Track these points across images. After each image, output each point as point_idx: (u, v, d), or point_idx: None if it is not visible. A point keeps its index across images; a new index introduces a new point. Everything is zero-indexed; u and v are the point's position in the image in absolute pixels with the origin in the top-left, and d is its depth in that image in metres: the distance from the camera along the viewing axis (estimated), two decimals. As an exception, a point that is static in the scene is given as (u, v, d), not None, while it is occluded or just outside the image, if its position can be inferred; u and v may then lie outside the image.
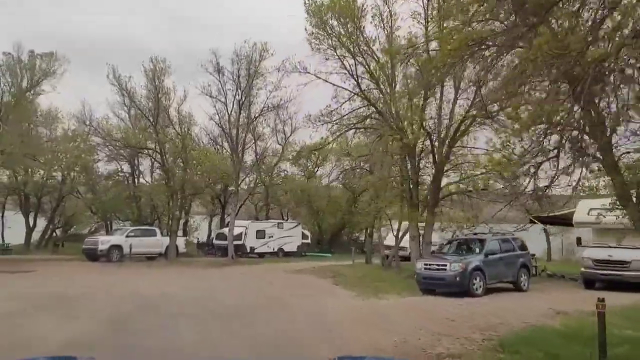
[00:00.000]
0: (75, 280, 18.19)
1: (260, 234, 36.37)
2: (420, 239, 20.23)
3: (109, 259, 27.65)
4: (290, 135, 40.57)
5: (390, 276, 20.76)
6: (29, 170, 36.80)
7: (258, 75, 26.45)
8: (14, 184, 38.87)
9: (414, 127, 18.30)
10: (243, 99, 27.12)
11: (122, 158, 37.02)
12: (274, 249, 37.09)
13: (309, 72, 18.09)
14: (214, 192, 39.22)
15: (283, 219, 42.88)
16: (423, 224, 21.42)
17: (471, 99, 17.43)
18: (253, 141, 30.08)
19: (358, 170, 39.10)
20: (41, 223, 41.20)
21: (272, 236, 37.01)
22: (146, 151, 27.91)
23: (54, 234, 44.17)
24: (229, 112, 27.35)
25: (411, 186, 19.71)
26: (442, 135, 18.22)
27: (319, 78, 18.08)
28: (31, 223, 39.97)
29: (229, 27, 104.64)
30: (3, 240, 39.22)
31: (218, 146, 36.72)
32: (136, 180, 37.37)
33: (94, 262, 27.21)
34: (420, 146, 19.43)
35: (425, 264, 15.29)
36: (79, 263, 26.06)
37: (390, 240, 32.05)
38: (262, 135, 29.89)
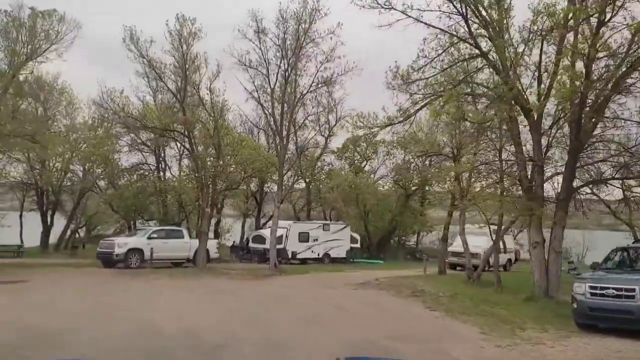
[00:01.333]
0: (67, 300, 13.31)
1: (304, 237, 31.20)
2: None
3: (127, 265, 22.93)
4: (336, 124, 35.34)
5: (494, 296, 15.23)
6: (45, 162, 32.80)
7: (308, 40, 21.27)
8: (30, 179, 35.20)
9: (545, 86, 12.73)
10: (289, 70, 21.96)
11: (146, 148, 32.48)
12: (318, 255, 31.88)
13: (394, 9, 12.77)
14: (248, 188, 34.23)
15: (326, 220, 37.69)
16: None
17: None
18: (293, 130, 24.81)
19: (420, 160, 33.63)
20: (62, 223, 37.22)
21: (316, 239, 31.80)
22: (172, 134, 22.94)
23: (76, 235, 40.19)
24: (272, 87, 22.22)
25: (529, 172, 14.14)
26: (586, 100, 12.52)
27: (409, 16, 12.74)
28: (49, 223, 36.18)
29: None
30: (22, 241, 35.15)
31: (253, 136, 31.70)
32: (162, 174, 32.79)
33: (109, 268, 22.54)
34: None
35: (594, 287, 9.70)
36: (90, 270, 21.34)
37: (457, 247, 26.58)
38: (302, 124, 24.47)
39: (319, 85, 23.32)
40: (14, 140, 19.82)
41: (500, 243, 20.60)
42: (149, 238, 24.03)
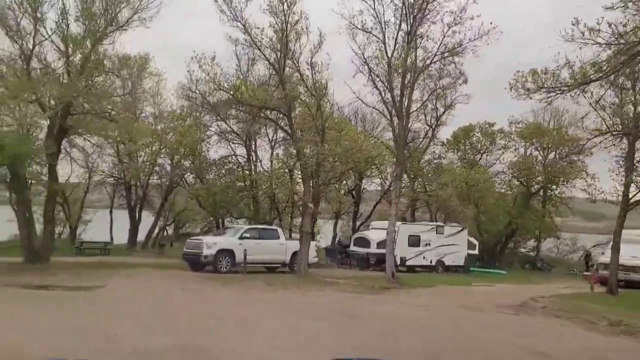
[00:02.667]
0: (138, 320, 9.79)
1: (414, 241, 26.60)
2: None
3: (216, 268, 19.67)
4: (445, 111, 30.44)
5: None
6: (132, 154, 30.88)
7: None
8: (119, 173, 33.66)
9: None
10: (412, 33, 17.62)
11: (236, 138, 29.47)
12: (431, 262, 27.17)
13: None
14: (346, 183, 30.18)
15: (433, 222, 32.76)
16: None
17: None
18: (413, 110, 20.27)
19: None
20: (150, 220, 35.46)
21: (428, 244, 27.10)
22: (269, 114, 19.28)
23: (164, 233, 38.42)
24: (390, 55, 17.95)
25: None
26: None
27: None
28: (137, 219, 34.48)
29: None
30: (111, 238, 33.71)
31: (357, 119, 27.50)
32: (252, 167, 29.63)
33: (197, 272, 19.41)
34: None
35: None
36: (175, 275, 18.20)
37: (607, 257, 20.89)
38: (425, 102, 19.92)
39: (444, 55, 18.78)
40: (91, 121, 17.12)
41: None
42: (241, 238, 20.65)
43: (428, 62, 18.50)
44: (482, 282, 22.25)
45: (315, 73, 19.44)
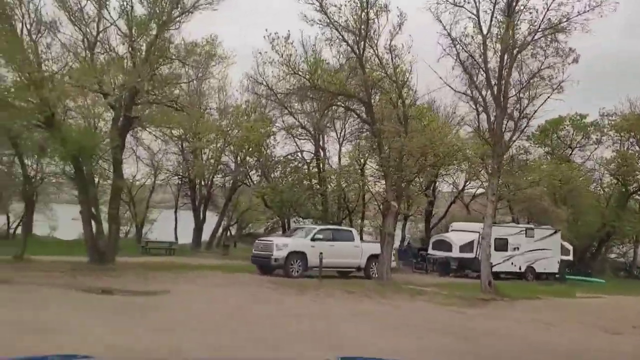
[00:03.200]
0: (218, 328, 8.15)
1: (501, 245, 23.86)
2: None
3: (287, 272, 18.03)
4: (548, 98, 27.34)
5: None
6: (196, 152, 30.01)
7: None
8: (184, 172, 33.02)
9: None
10: (512, 6, 15.23)
11: (303, 134, 27.85)
12: (520, 268, 24.37)
13: None
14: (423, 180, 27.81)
15: (514, 222, 29.75)
16: None
17: None
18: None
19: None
20: (214, 220, 34.64)
21: (517, 248, 24.33)
22: (346, 102, 17.40)
23: (227, 233, 37.55)
24: (485, 32, 15.62)
25: None
26: None
27: None
28: (201, 219, 33.70)
29: None
30: (176, 238, 33.11)
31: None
32: (321, 165, 27.88)
33: (266, 275, 17.85)
34: None
35: None
36: (244, 279, 16.66)
37: None
38: (527, 83, 17.18)
39: (547, 32, 16.21)
40: (157, 111, 15.92)
41: None
42: (313, 239, 18.93)
43: (529, 38, 15.99)
44: (586, 293, 19.38)
45: (395, 57, 17.44)
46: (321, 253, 16.53)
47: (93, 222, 17.01)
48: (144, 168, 33.40)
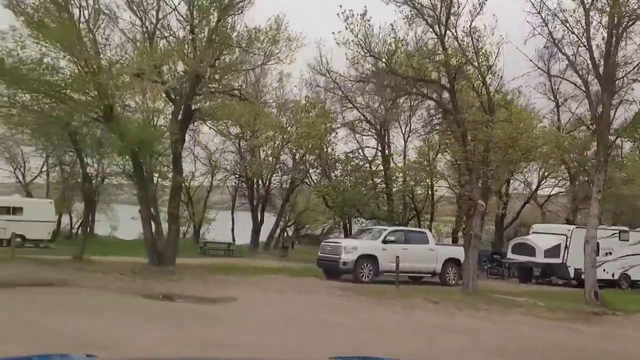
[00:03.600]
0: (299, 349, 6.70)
1: (592, 249, 21.29)
2: None
3: (356, 277, 16.52)
4: None
5: None
6: (254, 148, 29.06)
7: None
8: (239, 170, 32.24)
9: None
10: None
11: (367, 130, 26.25)
12: (613, 275, 21.70)
13: None
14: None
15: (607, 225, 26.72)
16: None
17: None
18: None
19: None
20: (271, 220, 33.67)
21: (609, 253, 21.62)
22: (426, 88, 15.61)
23: (284, 234, 36.51)
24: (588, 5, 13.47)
25: None
26: None
27: None
28: (259, 219, 32.79)
29: None
30: (233, 239, 32.35)
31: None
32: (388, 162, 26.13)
33: (334, 280, 16.40)
34: None
35: None
36: (310, 283, 15.28)
37: None
38: None
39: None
40: (218, 103, 14.80)
41: None
42: (385, 242, 17.32)
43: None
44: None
45: (476, 39, 15.52)
46: (398, 257, 14.85)
47: (152, 222, 16.14)
48: (201, 167, 32.95)
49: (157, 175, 18.26)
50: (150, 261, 15.87)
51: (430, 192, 25.74)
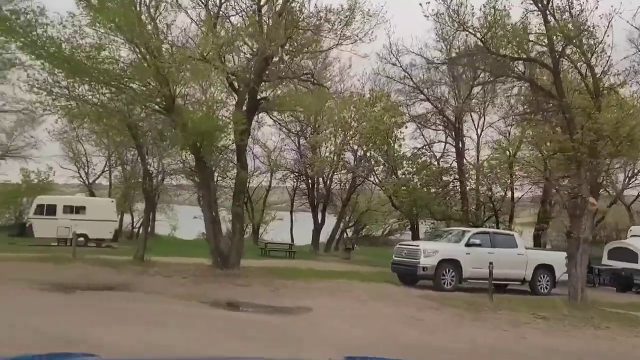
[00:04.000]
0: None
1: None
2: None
3: (437, 284, 14.74)
4: None
5: None
6: (316, 144, 27.72)
7: None
8: (301, 169, 31.08)
9: None
10: None
11: (438, 124, 24.29)
12: None
13: None
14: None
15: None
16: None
17: None
18: None
19: None
20: (332, 221, 32.34)
21: None
22: (523, 68, 13.63)
23: (345, 235, 35.03)
24: None
25: None
26: None
27: None
28: (320, 219, 31.51)
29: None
30: (292, 240, 31.23)
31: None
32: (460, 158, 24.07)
33: (411, 287, 14.72)
34: None
35: None
36: (388, 291, 13.66)
37: None
38: None
39: None
40: (285, 92, 13.47)
41: None
42: (468, 245, 15.43)
43: None
44: None
45: (578, 13, 13.38)
46: (491, 263, 12.98)
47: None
48: (260, 166, 32.01)
49: (217, 173, 17.26)
50: (214, 263, 14.78)
51: (510, 190, 23.46)
